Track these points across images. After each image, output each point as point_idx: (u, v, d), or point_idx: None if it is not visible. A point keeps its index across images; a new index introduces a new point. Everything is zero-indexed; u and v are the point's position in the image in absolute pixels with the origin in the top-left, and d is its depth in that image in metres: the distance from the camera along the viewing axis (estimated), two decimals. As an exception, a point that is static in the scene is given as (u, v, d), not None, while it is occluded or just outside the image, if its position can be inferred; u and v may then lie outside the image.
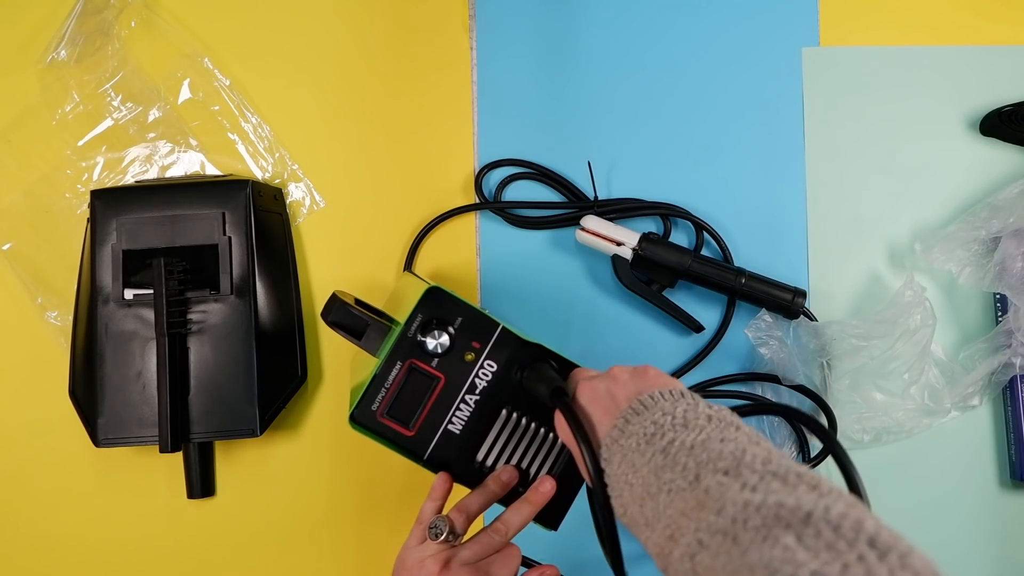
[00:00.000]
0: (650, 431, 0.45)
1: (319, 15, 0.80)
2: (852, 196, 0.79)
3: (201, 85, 0.79)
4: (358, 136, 0.79)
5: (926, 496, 0.77)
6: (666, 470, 0.43)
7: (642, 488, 0.45)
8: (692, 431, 0.44)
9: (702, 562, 0.38)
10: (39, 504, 0.76)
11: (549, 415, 0.55)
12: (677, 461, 0.43)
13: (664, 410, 0.46)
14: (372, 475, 0.77)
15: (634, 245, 0.74)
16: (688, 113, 0.80)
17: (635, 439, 0.46)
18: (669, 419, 0.45)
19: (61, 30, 0.77)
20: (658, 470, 0.44)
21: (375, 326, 0.58)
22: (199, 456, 0.74)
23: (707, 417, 0.45)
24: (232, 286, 0.73)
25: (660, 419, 0.46)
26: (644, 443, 0.45)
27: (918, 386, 0.74)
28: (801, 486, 0.38)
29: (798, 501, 0.36)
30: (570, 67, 0.80)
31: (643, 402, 0.47)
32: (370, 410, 0.55)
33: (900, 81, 0.80)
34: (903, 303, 0.72)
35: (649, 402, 0.47)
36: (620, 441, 0.47)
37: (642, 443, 0.45)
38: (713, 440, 0.43)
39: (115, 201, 0.73)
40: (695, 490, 0.41)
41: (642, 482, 0.45)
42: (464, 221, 0.79)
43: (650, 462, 0.44)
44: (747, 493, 0.38)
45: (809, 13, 0.81)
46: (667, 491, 0.43)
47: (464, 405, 0.56)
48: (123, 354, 0.72)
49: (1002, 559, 0.76)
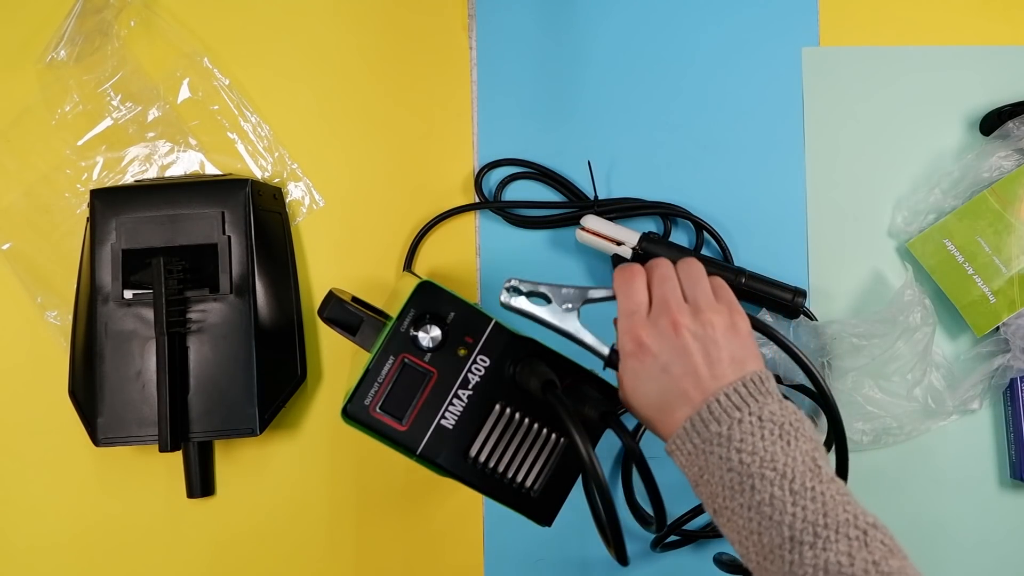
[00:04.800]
0: (732, 456, 0.47)
1: (319, 14, 0.80)
2: (852, 196, 0.79)
3: (200, 84, 0.79)
4: (358, 135, 0.79)
5: (926, 495, 0.77)
6: (737, 494, 0.46)
7: (712, 488, 0.47)
8: (768, 468, 0.45)
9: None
10: (39, 504, 0.76)
11: (542, 410, 0.56)
12: (749, 486, 0.46)
13: (744, 430, 0.47)
14: (372, 474, 0.77)
15: (634, 245, 0.74)
16: (688, 113, 0.80)
17: (710, 445, 0.47)
18: (748, 449, 0.46)
19: (60, 30, 0.77)
20: (731, 487, 0.46)
21: (370, 322, 0.58)
22: (199, 455, 0.74)
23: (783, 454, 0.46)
24: (231, 285, 0.73)
25: (740, 442, 0.46)
26: (719, 457, 0.47)
27: (921, 387, 0.74)
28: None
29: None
30: (570, 67, 0.80)
31: (723, 405, 0.47)
32: (363, 404, 0.55)
33: (900, 81, 0.80)
34: (903, 302, 0.72)
35: (730, 412, 0.47)
36: (692, 439, 0.48)
37: (716, 452, 0.47)
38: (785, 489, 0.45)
39: (114, 201, 0.73)
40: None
41: (715, 483, 0.47)
42: (464, 221, 0.79)
43: (726, 475, 0.46)
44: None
45: (809, 13, 0.81)
46: (741, 507, 0.45)
47: (457, 400, 0.56)
48: (123, 353, 0.72)
49: (1002, 559, 0.76)
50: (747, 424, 0.46)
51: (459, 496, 0.76)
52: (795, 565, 0.43)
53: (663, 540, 0.72)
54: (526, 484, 0.56)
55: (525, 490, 0.56)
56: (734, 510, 0.46)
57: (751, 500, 0.45)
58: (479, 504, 0.76)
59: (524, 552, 0.76)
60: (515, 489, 0.56)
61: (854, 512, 0.44)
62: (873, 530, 0.43)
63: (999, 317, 0.75)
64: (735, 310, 0.52)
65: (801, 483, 0.44)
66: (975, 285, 0.75)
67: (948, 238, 0.76)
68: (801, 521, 0.43)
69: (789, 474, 0.45)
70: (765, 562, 0.45)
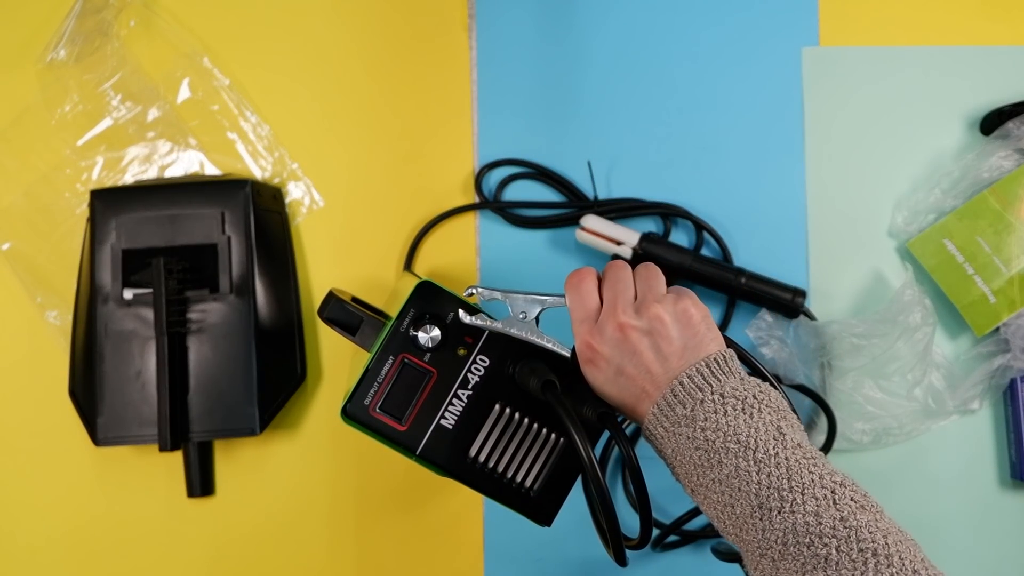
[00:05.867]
0: (697, 435, 0.47)
1: (318, 14, 0.80)
2: (852, 196, 0.79)
3: (200, 84, 0.79)
4: (358, 135, 0.79)
5: (926, 495, 0.77)
6: (707, 470, 0.47)
7: (686, 467, 0.48)
8: (733, 441, 0.46)
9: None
10: (39, 503, 0.76)
11: (542, 410, 0.56)
12: (719, 461, 0.47)
13: (708, 409, 0.47)
14: (371, 474, 0.77)
15: (634, 245, 0.74)
16: (688, 113, 0.80)
17: (678, 427, 0.48)
18: (712, 426, 0.47)
19: (60, 30, 0.77)
20: (701, 464, 0.47)
21: (369, 322, 0.58)
22: (198, 455, 0.74)
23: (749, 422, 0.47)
24: (231, 285, 0.73)
25: (704, 420, 0.47)
26: (687, 437, 0.48)
27: (921, 387, 0.74)
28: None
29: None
30: (570, 67, 0.80)
31: (685, 388, 0.48)
32: (363, 404, 0.55)
33: (900, 81, 0.80)
34: (903, 302, 0.72)
35: (692, 393, 0.48)
36: (662, 423, 0.49)
37: (684, 432, 0.48)
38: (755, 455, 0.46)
39: (114, 201, 0.73)
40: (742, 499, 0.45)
41: (687, 463, 0.48)
42: (464, 221, 0.79)
43: (694, 454, 0.47)
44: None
45: (809, 13, 0.81)
46: (712, 482, 0.46)
47: (457, 400, 0.56)
48: (123, 353, 0.72)
49: (1002, 559, 0.76)
50: (709, 403, 0.47)
51: (459, 496, 0.76)
52: (767, 532, 0.44)
53: (663, 540, 0.72)
54: (526, 484, 0.56)
55: (525, 490, 0.56)
56: (708, 486, 0.47)
57: (719, 474, 0.46)
58: (479, 504, 0.76)
59: (524, 552, 0.76)
60: (515, 489, 0.56)
61: (819, 473, 0.44)
62: (841, 488, 0.44)
63: (999, 317, 0.75)
64: (683, 296, 0.51)
65: (764, 451, 0.45)
66: (975, 285, 0.75)
67: (948, 238, 0.76)
68: (767, 488, 0.44)
69: (752, 444, 0.45)
70: (742, 532, 0.46)
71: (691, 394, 0.48)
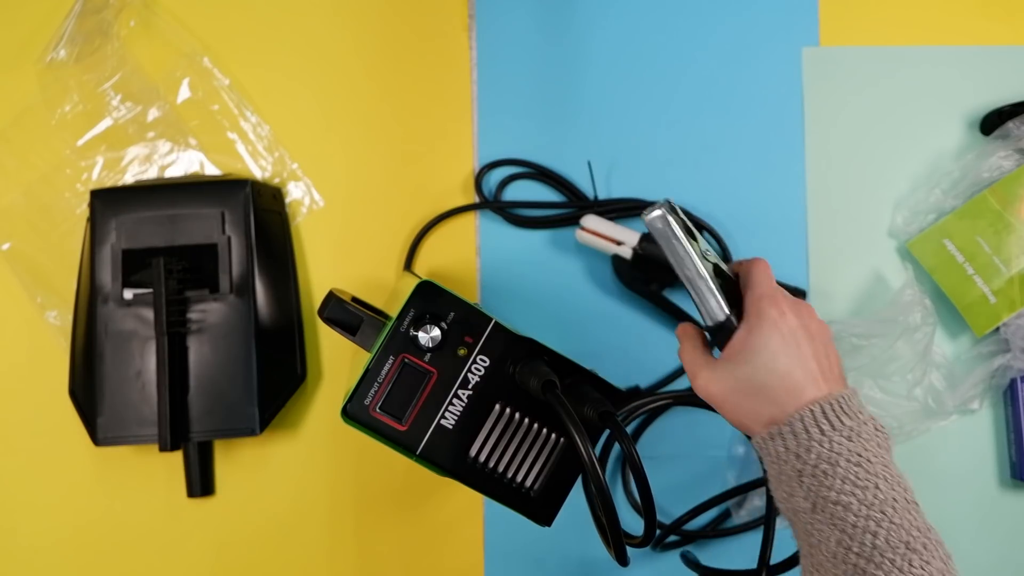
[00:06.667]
0: (808, 472, 0.49)
1: (318, 14, 0.80)
2: (852, 196, 0.79)
3: (200, 84, 0.79)
4: (358, 135, 0.79)
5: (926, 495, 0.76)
6: (817, 514, 0.49)
7: (789, 503, 0.50)
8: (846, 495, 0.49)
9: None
10: (39, 503, 0.76)
11: (542, 410, 0.56)
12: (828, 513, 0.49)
13: (822, 457, 0.49)
14: (372, 474, 0.77)
15: (634, 245, 0.74)
16: (688, 113, 0.80)
17: (789, 464, 0.49)
18: (823, 468, 0.49)
19: (60, 30, 0.77)
20: (809, 510, 0.49)
21: (369, 322, 0.58)
22: (199, 455, 0.74)
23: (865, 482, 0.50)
24: (232, 285, 0.73)
25: (818, 465, 0.49)
26: (796, 475, 0.49)
27: (921, 387, 0.74)
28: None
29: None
30: (570, 67, 0.80)
31: (807, 426, 0.49)
32: (363, 404, 0.55)
33: (900, 81, 0.80)
34: (903, 302, 0.72)
35: (811, 434, 0.49)
36: (770, 448, 0.50)
37: (794, 470, 0.49)
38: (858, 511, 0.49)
39: (114, 201, 0.73)
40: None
41: (790, 501, 0.49)
42: (464, 221, 0.79)
43: (805, 495, 0.49)
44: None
45: (809, 13, 0.81)
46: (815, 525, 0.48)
47: (457, 400, 0.56)
48: (123, 353, 0.72)
49: (1002, 559, 0.76)
50: (838, 443, 0.49)
51: (459, 496, 0.76)
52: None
53: (663, 540, 0.72)
54: (526, 484, 0.56)
55: (525, 490, 0.56)
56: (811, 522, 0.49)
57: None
58: (479, 504, 0.76)
59: (524, 552, 0.76)
60: (515, 489, 0.56)
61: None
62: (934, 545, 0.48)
63: (999, 317, 0.75)
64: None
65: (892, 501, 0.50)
66: (975, 285, 0.75)
67: (948, 238, 0.76)
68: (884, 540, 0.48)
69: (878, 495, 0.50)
70: (828, 564, 0.47)
71: (831, 425, 0.49)
